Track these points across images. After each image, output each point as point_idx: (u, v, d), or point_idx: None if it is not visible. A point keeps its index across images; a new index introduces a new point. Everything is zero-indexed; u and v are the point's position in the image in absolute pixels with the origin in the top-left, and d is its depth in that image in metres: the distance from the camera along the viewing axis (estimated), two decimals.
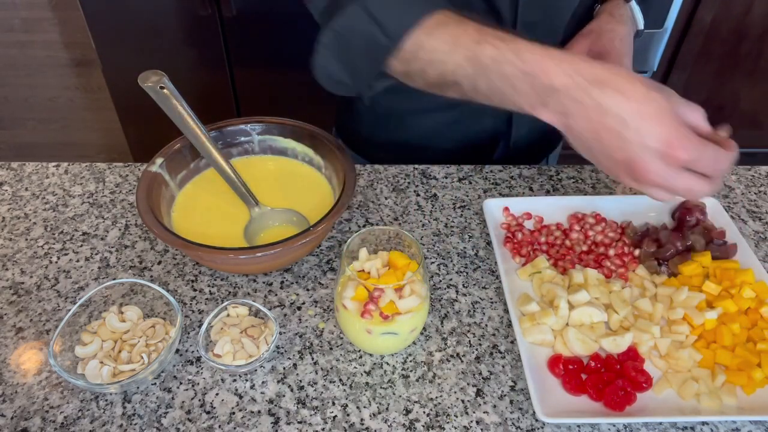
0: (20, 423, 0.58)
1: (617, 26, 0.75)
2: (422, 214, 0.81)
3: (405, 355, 0.64)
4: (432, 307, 0.69)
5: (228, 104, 1.77)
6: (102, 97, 2.07)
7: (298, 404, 0.59)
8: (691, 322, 0.65)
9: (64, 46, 2.37)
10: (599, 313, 0.64)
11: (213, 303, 0.69)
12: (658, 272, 0.72)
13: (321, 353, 0.64)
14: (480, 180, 0.86)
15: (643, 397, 0.60)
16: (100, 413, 0.59)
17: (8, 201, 0.82)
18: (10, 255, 0.74)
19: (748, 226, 0.80)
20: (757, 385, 0.60)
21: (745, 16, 1.70)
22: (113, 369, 0.60)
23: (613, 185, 0.86)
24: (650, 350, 0.64)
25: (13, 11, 1.82)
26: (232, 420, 0.58)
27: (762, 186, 0.87)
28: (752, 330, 0.65)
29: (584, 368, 0.62)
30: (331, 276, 0.72)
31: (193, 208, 0.75)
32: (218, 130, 0.78)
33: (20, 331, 0.66)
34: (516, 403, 0.60)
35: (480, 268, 0.74)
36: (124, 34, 1.60)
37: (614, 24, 0.75)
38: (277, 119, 0.80)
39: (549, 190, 0.85)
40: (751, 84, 1.86)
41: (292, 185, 0.79)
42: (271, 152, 0.82)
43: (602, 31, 0.74)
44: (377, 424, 0.58)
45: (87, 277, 0.72)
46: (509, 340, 0.66)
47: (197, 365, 0.63)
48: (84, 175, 0.87)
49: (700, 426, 0.58)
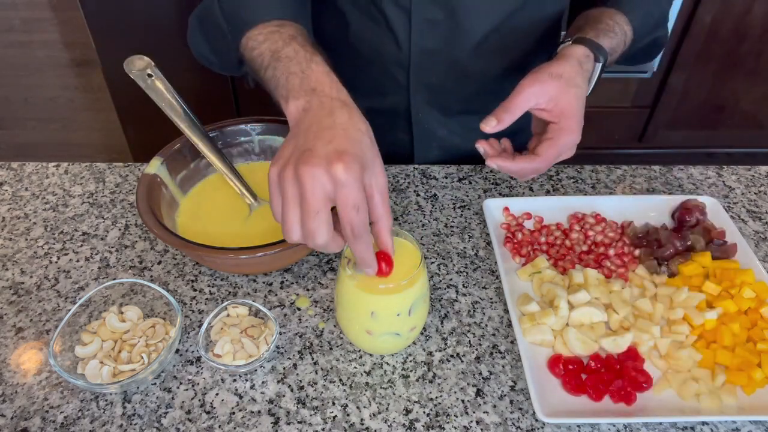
0: (20, 423, 0.58)
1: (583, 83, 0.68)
2: (422, 214, 0.81)
3: (405, 355, 0.64)
4: (432, 307, 0.69)
5: (228, 104, 1.77)
6: (102, 97, 2.07)
7: (298, 404, 0.59)
8: (691, 322, 0.65)
9: (64, 46, 2.37)
10: (599, 313, 0.65)
11: (213, 303, 0.69)
12: (658, 272, 0.72)
13: (321, 353, 0.64)
14: (480, 180, 0.86)
15: (643, 397, 0.60)
16: (100, 413, 0.59)
17: (8, 201, 0.82)
18: (10, 255, 0.74)
19: (748, 226, 0.80)
20: (757, 385, 0.60)
21: (745, 16, 1.70)
22: (113, 369, 0.60)
23: None
24: (650, 350, 0.64)
25: (13, 11, 1.81)
26: (232, 420, 0.58)
27: (762, 186, 0.87)
28: (752, 330, 0.65)
29: (584, 368, 0.62)
30: (331, 276, 0.72)
31: (197, 211, 0.76)
32: (218, 130, 0.78)
33: (20, 331, 0.66)
34: (516, 403, 0.60)
35: (480, 268, 0.74)
36: (124, 34, 1.60)
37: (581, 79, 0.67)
38: (277, 119, 0.80)
39: (549, 190, 0.85)
40: (751, 84, 1.86)
41: None
42: (271, 152, 0.82)
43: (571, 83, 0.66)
44: (377, 424, 0.58)
45: (87, 277, 0.72)
46: (509, 340, 0.66)
47: (197, 365, 0.63)
48: (84, 175, 0.87)
49: (700, 426, 0.58)
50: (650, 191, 0.85)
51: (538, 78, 0.66)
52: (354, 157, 0.50)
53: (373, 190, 0.51)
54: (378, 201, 0.52)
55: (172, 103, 0.71)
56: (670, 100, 1.89)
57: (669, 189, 0.86)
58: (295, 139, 0.53)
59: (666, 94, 1.88)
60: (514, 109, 0.65)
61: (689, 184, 0.87)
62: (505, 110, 0.65)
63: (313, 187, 0.49)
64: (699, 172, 0.89)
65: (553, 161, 0.67)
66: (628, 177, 0.88)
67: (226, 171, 0.74)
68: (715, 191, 0.86)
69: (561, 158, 0.68)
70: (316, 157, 0.49)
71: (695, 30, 1.72)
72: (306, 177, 0.49)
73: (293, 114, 0.56)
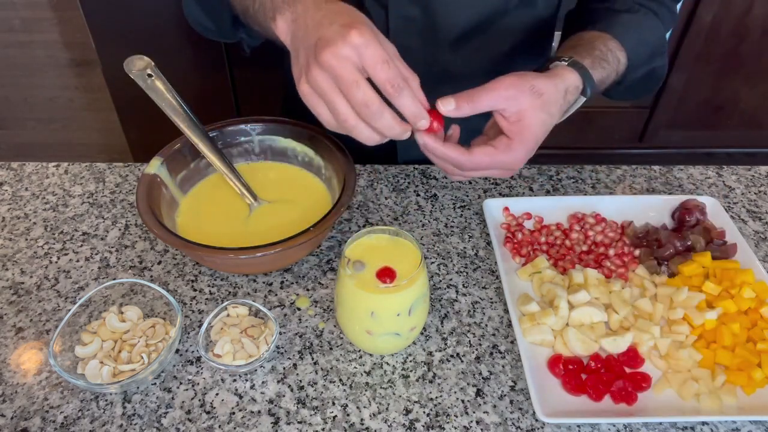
0: (20, 423, 0.58)
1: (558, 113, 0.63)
2: (422, 214, 0.81)
3: (405, 355, 0.64)
4: (432, 307, 0.69)
5: (228, 104, 1.77)
6: (102, 97, 2.07)
7: (298, 404, 0.59)
8: (691, 322, 0.65)
9: (64, 46, 2.37)
10: (599, 313, 0.65)
11: (213, 303, 0.69)
12: (658, 272, 0.72)
13: (321, 353, 0.64)
14: (480, 180, 0.86)
15: (643, 397, 0.60)
16: (100, 413, 0.59)
17: (8, 201, 0.82)
18: (10, 255, 0.74)
19: (748, 226, 0.80)
20: (757, 385, 0.60)
21: (745, 16, 1.70)
22: (113, 369, 0.60)
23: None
24: (650, 350, 0.64)
25: (13, 11, 1.81)
26: (232, 420, 0.58)
27: (762, 186, 0.87)
28: (752, 330, 0.65)
29: (584, 368, 0.62)
30: (331, 276, 0.72)
31: (197, 211, 0.76)
32: (218, 130, 0.78)
33: (20, 331, 0.66)
34: (516, 403, 0.60)
35: (480, 268, 0.74)
36: (124, 34, 1.60)
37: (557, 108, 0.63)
38: (277, 119, 0.80)
39: (549, 190, 0.85)
40: (751, 84, 1.86)
41: (292, 189, 0.79)
42: (271, 152, 0.82)
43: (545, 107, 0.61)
44: (377, 424, 0.58)
45: (87, 277, 0.72)
46: (509, 340, 0.66)
47: (197, 365, 0.63)
48: (84, 175, 0.87)
49: (700, 426, 0.58)
50: (650, 191, 0.85)
51: (518, 85, 0.60)
52: (362, 23, 0.51)
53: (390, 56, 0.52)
54: (399, 64, 0.53)
55: (172, 103, 0.71)
56: (670, 100, 1.89)
57: (669, 189, 0.86)
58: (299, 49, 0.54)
59: (666, 94, 1.88)
60: (479, 103, 0.59)
61: (689, 184, 0.87)
62: (469, 100, 0.59)
63: (340, 64, 0.50)
64: (699, 172, 0.89)
65: (478, 169, 0.62)
66: (628, 177, 0.88)
67: (226, 171, 0.74)
68: (715, 191, 0.86)
69: (489, 173, 0.64)
70: (326, 40, 0.50)
71: (695, 30, 1.72)
72: (330, 61, 0.50)
73: (283, 29, 0.57)
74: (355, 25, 0.50)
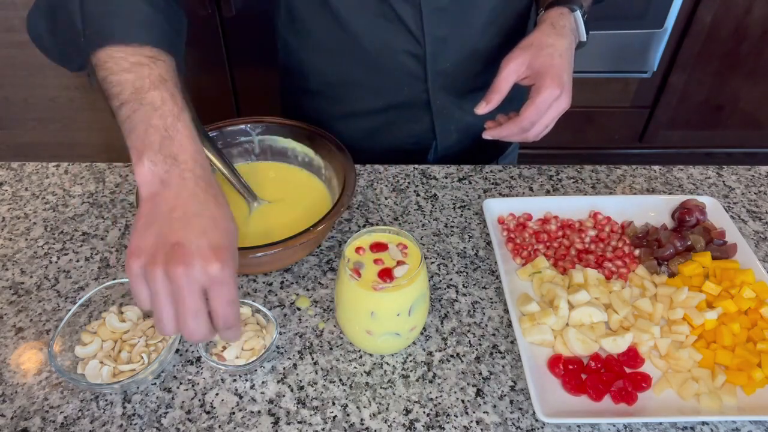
0: (20, 423, 0.58)
1: (558, 40, 0.72)
2: (422, 214, 0.81)
3: (405, 355, 0.64)
4: (432, 307, 0.69)
5: (228, 104, 1.77)
6: (102, 97, 2.07)
7: (298, 404, 0.59)
8: (691, 322, 0.65)
9: None
10: (599, 313, 0.65)
11: None
12: (658, 272, 0.72)
13: (321, 353, 0.64)
14: (480, 180, 0.86)
15: (643, 397, 0.60)
16: (100, 413, 0.59)
17: (8, 201, 0.82)
18: (10, 255, 0.74)
19: (748, 226, 0.80)
20: (757, 385, 0.60)
21: (745, 16, 1.70)
22: (113, 369, 0.60)
23: None
24: (650, 350, 0.64)
25: (13, 11, 1.81)
26: (232, 420, 0.58)
27: (762, 186, 0.87)
28: (752, 330, 0.65)
29: (584, 368, 0.62)
30: (331, 276, 0.72)
31: None
32: (218, 130, 0.78)
33: (20, 331, 0.66)
34: (516, 403, 0.60)
35: (480, 268, 0.74)
36: None
37: (555, 37, 0.72)
38: (277, 119, 0.80)
39: (549, 190, 0.85)
40: (751, 84, 1.86)
41: (292, 189, 0.79)
42: (271, 152, 0.82)
43: (542, 45, 0.71)
44: (377, 424, 0.58)
45: (87, 277, 0.72)
46: (509, 340, 0.66)
47: (197, 365, 0.63)
48: (84, 175, 0.87)
49: (700, 426, 0.58)
50: (650, 191, 0.85)
51: (512, 55, 0.72)
52: (228, 252, 0.48)
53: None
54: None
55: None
56: (670, 100, 1.89)
57: (669, 189, 0.86)
58: (156, 224, 0.48)
59: (666, 94, 1.88)
60: (500, 88, 0.72)
61: (689, 184, 0.87)
62: (494, 91, 0.72)
63: (190, 288, 0.46)
64: (699, 172, 0.89)
65: (536, 118, 0.71)
66: (628, 177, 0.88)
67: (226, 171, 0.74)
68: (715, 191, 0.86)
69: (548, 116, 0.72)
70: (188, 255, 0.46)
71: (695, 30, 1.72)
72: (181, 279, 0.46)
73: (146, 179, 0.50)
74: (221, 254, 0.47)
